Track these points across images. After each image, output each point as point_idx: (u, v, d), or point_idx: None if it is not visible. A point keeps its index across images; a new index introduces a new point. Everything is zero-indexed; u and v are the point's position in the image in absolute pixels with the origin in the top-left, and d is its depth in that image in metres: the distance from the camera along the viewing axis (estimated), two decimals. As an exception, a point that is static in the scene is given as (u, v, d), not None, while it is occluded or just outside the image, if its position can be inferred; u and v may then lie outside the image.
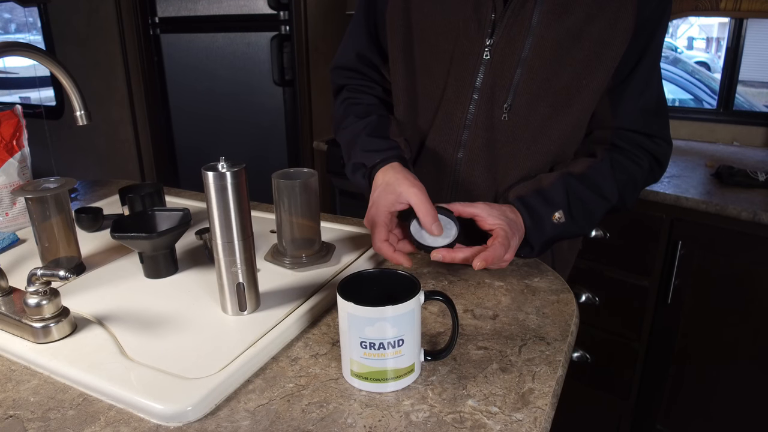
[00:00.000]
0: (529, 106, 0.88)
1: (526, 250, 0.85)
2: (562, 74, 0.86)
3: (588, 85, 0.87)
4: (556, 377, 0.60)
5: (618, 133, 0.90)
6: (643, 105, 0.89)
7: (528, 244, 0.84)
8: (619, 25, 0.83)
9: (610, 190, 0.88)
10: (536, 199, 0.85)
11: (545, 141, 0.91)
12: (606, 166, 0.89)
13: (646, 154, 0.91)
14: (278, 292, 0.76)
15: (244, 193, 0.66)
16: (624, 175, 0.89)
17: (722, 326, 1.49)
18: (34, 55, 0.78)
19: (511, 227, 0.80)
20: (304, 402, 0.56)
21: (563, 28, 0.84)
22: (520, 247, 0.83)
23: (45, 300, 0.64)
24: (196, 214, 1.03)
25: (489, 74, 0.88)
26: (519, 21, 0.85)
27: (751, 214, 1.35)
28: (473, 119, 0.91)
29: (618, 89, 0.88)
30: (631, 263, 1.61)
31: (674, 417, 1.64)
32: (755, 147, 1.93)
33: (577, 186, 0.86)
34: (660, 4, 0.85)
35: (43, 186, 0.81)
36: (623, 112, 0.89)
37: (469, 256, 0.77)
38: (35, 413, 0.56)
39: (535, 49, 0.85)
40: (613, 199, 0.89)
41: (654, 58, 0.88)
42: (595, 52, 0.84)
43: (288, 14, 2.20)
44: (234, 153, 2.51)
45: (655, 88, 0.90)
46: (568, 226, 0.85)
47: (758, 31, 2.05)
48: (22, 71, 3.96)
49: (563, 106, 0.88)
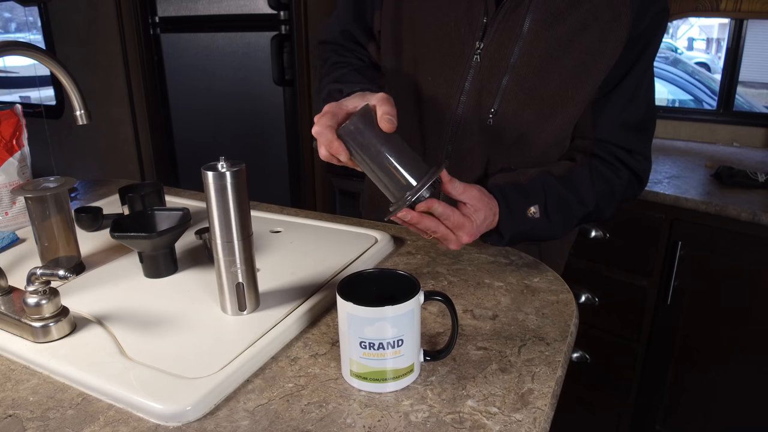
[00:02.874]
0: (514, 112, 0.87)
1: (494, 238, 0.82)
2: (549, 83, 0.85)
3: (574, 96, 0.85)
4: (555, 378, 0.60)
5: (598, 144, 0.89)
6: (626, 119, 0.88)
7: (497, 231, 0.81)
8: (611, 36, 0.82)
9: (587, 195, 0.86)
10: (513, 190, 0.83)
11: (528, 148, 0.90)
12: (585, 172, 0.87)
13: (625, 168, 0.90)
14: (278, 291, 0.76)
15: (244, 192, 0.66)
16: (602, 184, 0.88)
17: (722, 327, 1.49)
18: (34, 54, 0.78)
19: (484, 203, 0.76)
20: (303, 402, 0.56)
21: (554, 37, 0.83)
22: (489, 233, 0.81)
23: (44, 299, 0.64)
24: (196, 213, 1.03)
25: (477, 78, 0.87)
26: (510, 27, 0.84)
27: (750, 215, 1.35)
28: (461, 121, 0.90)
29: (602, 100, 0.87)
30: (630, 263, 1.61)
31: (673, 417, 1.64)
32: (755, 148, 1.93)
33: (555, 185, 0.85)
34: (656, 17, 0.83)
35: (43, 185, 0.81)
36: (604, 124, 0.88)
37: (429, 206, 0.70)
38: (34, 413, 0.56)
39: (523, 57, 0.84)
40: (590, 205, 0.87)
41: (642, 74, 0.86)
42: (585, 63, 0.83)
43: (288, 14, 2.20)
44: (234, 153, 2.51)
45: (641, 104, 0.88)
46: (541, 223, 0.83)
47: (758, 32, 2.05)
48: (22, 70, 3.96)
49: (548, 115, 0.87)
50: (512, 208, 0.81)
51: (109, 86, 2.83)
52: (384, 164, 0.67)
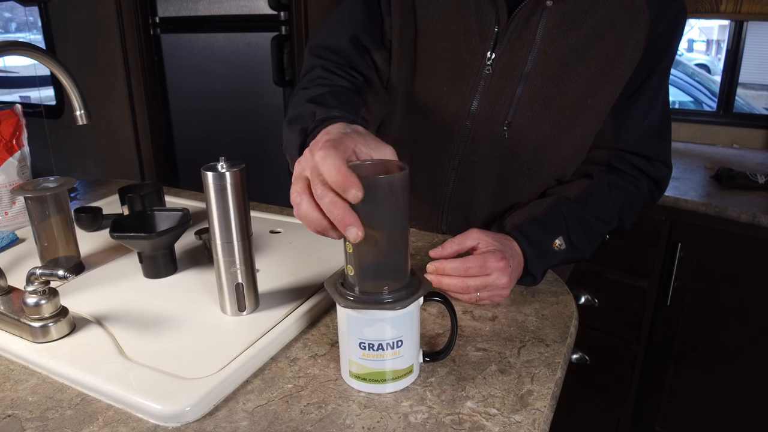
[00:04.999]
0: (530, 124, 0.85)
1: (528, 280, 0.79)
2: (566, 93, 0.82)
3: (593, 106, 0.83)
4: (555, 379, 0.60)
5: (616, 154, 0.87)
6: (647, 127, 0.85)
7: (529, 273, 0.78)
8: (629, 42, 0.79)
9: (608, 213, 0.84)
10: (534, 227, 0.80)
11: (545, 162, 0.87)
12: (602, 189, 0.84)
13: (645, 176, 0.88)
14: (277, 292, 0.76)
15: (244, 193, 0.66)
16: (621, 198, 0.85)
17: (721, 328, 1.49)
18: (34, 54, 0.78)
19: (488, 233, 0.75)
20: (302, 403, 0.56)
21: (569, 45, 0.80)
22: (523, 276, 0.78)
23: (44, 299, 0.64)
24: (196, 214, 1.03)
25: (489, 89, 0.85)
26: (523, 36, 0.81)
27: (750, 217, 1.35)
28: (470, 133, 0.88)
29: (622, 108, 0.84)
30: (630, 265, 1.61)
31: (673, 419, 1.64)
32: (755, 149, 1.93)
33: (574, 210, 0.82)
34: (675, 19, 0.80)
35: (43, 185, 0.81)
36: (625, 133, 0.85)
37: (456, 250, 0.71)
38: (33, 413, 0.55)
39: (538, 66, 0.81)
40: (612, 222, 0.85)
41: (662, 77, 0.84)
42: (602, 71, 0.80)
43: (288, 15, 2.20)
44: (234, 153, 2.51)
45: (659, 108, 0.86)
46: (568, 252, 0.81)
47: (758, 34, 2.05)
48: (23, 70, 3.96)
49: (566, 127, 0.84)
50: (537, 247, 0.78)
51: (109, 86, 2.83)
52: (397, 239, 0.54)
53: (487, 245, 0.73)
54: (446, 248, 0.73)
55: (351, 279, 0.55)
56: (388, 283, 0.54)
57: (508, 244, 0.76)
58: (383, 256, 0.54)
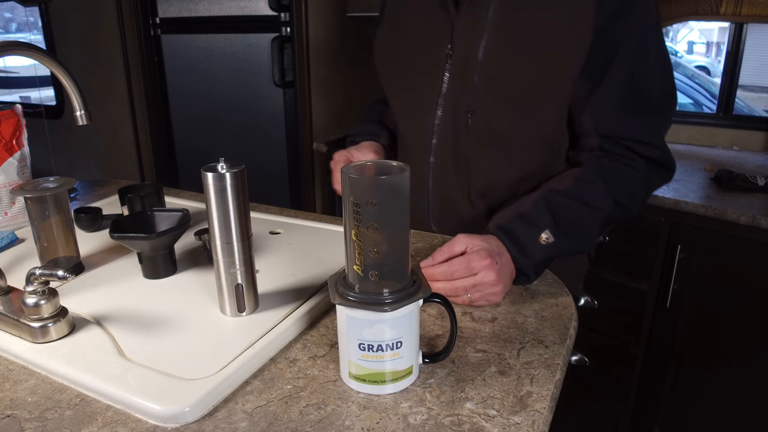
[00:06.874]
0: (491, 111, 0.85)
1: (522, 279, 0.78)
2: (521, 78, 0.81)
3: (554, 90, 0.81)
4: (554, 380, 0.60)
5: (604, 140, 0.85)
6: (626, 108, 0.82)
7: (521, 272, 0.78)
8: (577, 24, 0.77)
9: (600, 198, 0.82)
10: (517, 224, 0.79)
11: (516, 147, 0.87)
12: (593, 174, 0.83)
13: (640, 157, 0.84)
14: (277, 293, 0.76)
15: (244, 194, 0.66)
16: (616, 181, 0.82)
17: (721, 330, 1.49)
18: (34, 54, 0.78)
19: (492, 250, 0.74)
20: (302, 404, 0.56)
21: (517, 25, 0.79)
22: (517, 277, 0.78)
23: (43, 300, 0.64)
24: (196, 214, 1.03)
25: (452, 78, 0.86)
26: (474, 20, 0.81)
27: (750, 219, 1.35)
28: (440, 124, 0.89)
29: (595, 92, 0.82)
30: (630, 267, 1.61)
31: (672, 420, 1.63)
32: (755, 151, 1.93)
33: (561, 201, 0.81)
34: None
35: (43, 185, 0.81)
36: (602, 118, 0.83)
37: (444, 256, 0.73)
38: (32, 413, 0.55)
39: (490, 51, 0.81)
40: (607, 207, 0.82)
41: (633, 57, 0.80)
42: (555, 55, 0.79)
43: (289, 16, 2.20)
44: (234, 154, 2.51)
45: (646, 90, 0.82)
46: (560, 245, 0.79)
47: (758, 36, 2.06)
48: (23, 71, 3.97)
49: (527, 112, 0.84)
50: (522, 243, 0.77)
51: (109, 87, 2.83)
52: None
53: (474, 247, 0.74)
54: (436, 257, 0.75)
55: (351, 279, 0.56)
56: (388, 283, 0.55)
57: (494, 242, 0.77)
58: (383, 256, 0.54)
